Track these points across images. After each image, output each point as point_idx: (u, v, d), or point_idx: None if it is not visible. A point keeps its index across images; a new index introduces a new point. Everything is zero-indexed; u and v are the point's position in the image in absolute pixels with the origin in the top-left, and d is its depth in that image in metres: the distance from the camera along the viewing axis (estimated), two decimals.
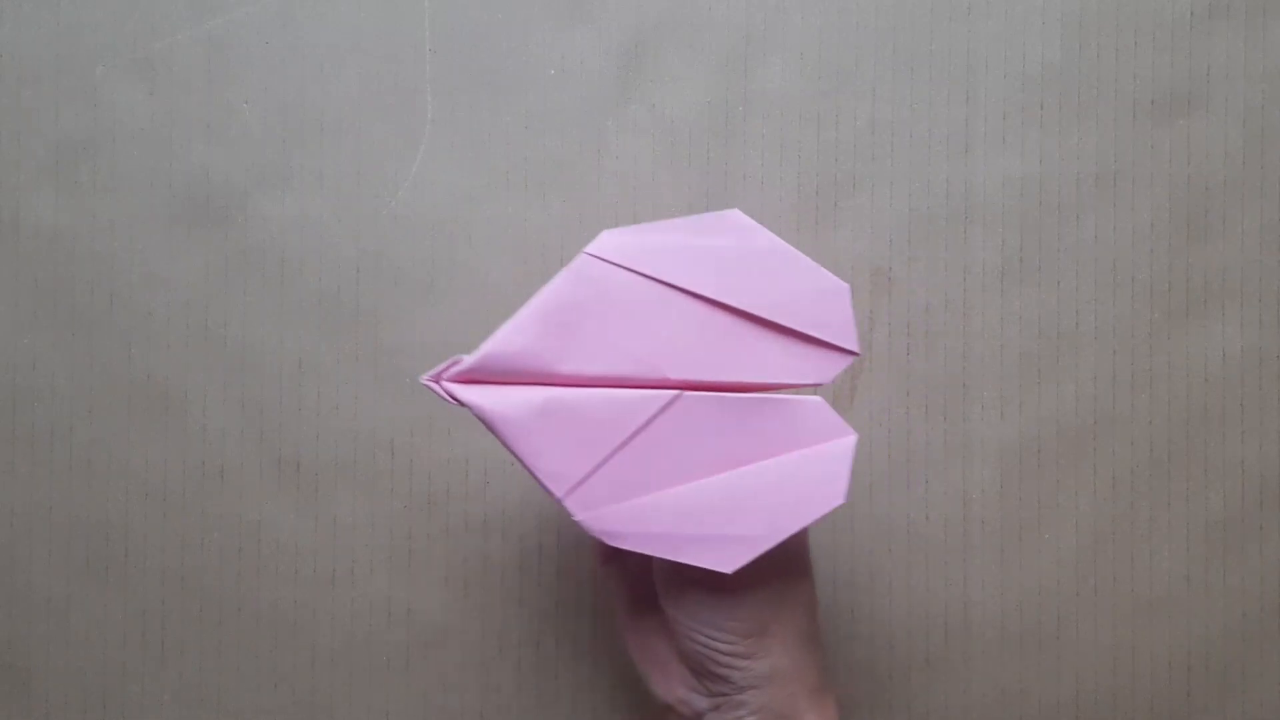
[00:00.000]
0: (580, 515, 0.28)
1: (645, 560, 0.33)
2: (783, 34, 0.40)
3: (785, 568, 0.30)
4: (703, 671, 0.30)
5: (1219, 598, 0.40)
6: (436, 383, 0.28)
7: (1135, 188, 0.40)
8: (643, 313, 0.28)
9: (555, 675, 0.39)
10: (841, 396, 0.40)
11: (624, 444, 0.28)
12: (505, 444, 0.28)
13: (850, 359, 0.29)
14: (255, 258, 0.40)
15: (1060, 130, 0.40)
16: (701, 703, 0.31)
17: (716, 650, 0.29)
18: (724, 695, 0.30)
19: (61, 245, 0.40)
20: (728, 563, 0.28)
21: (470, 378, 0.28)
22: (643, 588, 0.33)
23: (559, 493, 0.28)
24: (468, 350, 0.40)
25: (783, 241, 0.28)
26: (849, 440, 0.28)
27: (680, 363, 0.28)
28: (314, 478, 0.40)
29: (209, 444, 0.40)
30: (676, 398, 0.28)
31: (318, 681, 0.39)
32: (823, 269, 0.28)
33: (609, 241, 0.29)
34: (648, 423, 0.28)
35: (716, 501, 0.28)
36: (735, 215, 0.29)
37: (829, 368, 0.28)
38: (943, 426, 0.40)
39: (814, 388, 0.29)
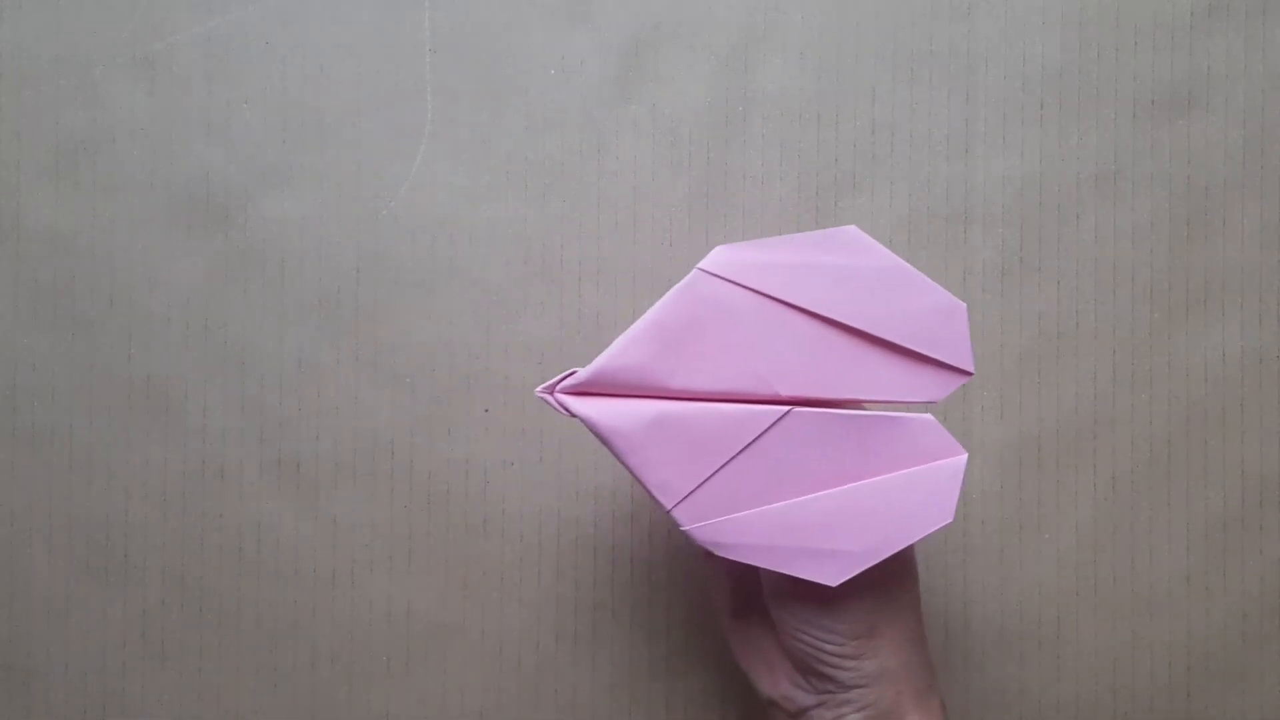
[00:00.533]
0: (688, 525, 0.28)
1: None
2: (783, 34, 0.40)
3: (894, 571, 0.30)
4: (809, 670, 0.30)
5: (1219, 598, 0.40)
6: (550, 394, 0.29)
7: (1135, 188, 0.40)
8: (755, 329, 0.28)
9: (555, 675, 0.39)
10: None
11: (733, 458, 0.28)
12: (617, 455, 0.28)
13: (964, 378, 0.29)
14: (255, 258, 0.40)
15: (1060, 130, 0.40)
16: (806, 699, 0.31)
17: (824, 650, 0.30)
18: (830, 693, 0.30)
19: (61, 245, 0.40)
20: (833, 576, 0.28)
21: (583, 390, 0.29)
22: (748, 586, 0.34)
23: (668, 504, 0.28)
24: (467, 350, 0.40)
25: (898, 258, 0.28)
26: (960, 459, 0.28)
27: (792, 379, 0.28)
28: (314, 478, 0.40)
29: (209, 444, 0.40)
30: (787, 413, 0.28)
31: (317, 681, 0.39)
32: (939, 287, 0.28)
33: (722, 257, 0.29)
34: (758, 438, 0.28)
35: (824, 516, 0.28)
36: (852, 232, 0.29)
37: (941, 386, 0.28)
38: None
39: (926, 405, 0.29)
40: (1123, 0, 0.40)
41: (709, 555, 0.35)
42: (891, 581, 0.30)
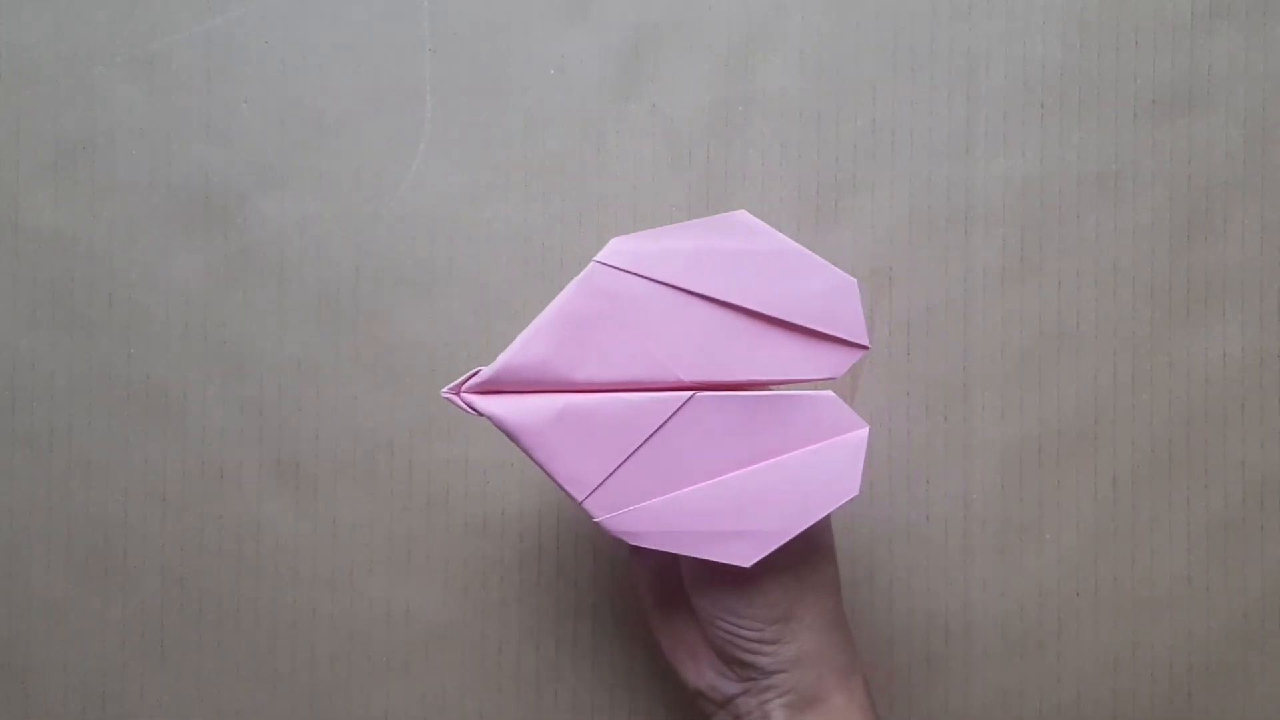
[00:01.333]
0: (601, 517, 0.29)
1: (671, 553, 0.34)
2: (783, 34, 0.40)
3: (807, 554, 0.31)
4: (730, 658, 0.31)
5: (1219, 598, 0.40)
6: (457, 394, 0.29)
7: (1135, 188, 0.40)
8: (654, 317, 0.29)
9: (555, 675, 0.39)
10: (842, 397, 0.40)
11: (640, 446, 0.29)
12: (525, 451, 0.29)
13: (860, 353, 0.29)
14: (255, 258, 0.40)
15: (1060, 130, 0.40)
16: (731, 688, 0.31)
17: (741, 637, 0.30)
18: (753, 680, 0.31)
19: (61, 245, 0.40)
20: (746, 557, 0.28)
21: (489, 389, 0.29)
22: (670, 578, 0.34)
23: (579, 496, 0.29)
24: (467, 350, 0.40)
25: (790, 240, 0.29)
26: (861, 433, 0.29)
27: (692, 364, 0.29)
28: (314, 478, 0.40)
29: (209, 444, 0.40)
30: (690, 398, 0.29)
31: (317, 681, 0.39)
32: (831, 265, 0.29)
33: (618, 248, 0.29)
34: (663, 424, 0.29)
35: (733, 498, 0.29)
36: (742, 216, 0.29)
37: (840, 362, 0.29)
38: (943, 426, 0.40)
39: (826, 382, 0.30)
40: (1123, 0, 0.40)
41: (632, 550, 0.35)
42: (804, 564, 0.31)
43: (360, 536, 0.39)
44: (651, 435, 0.29)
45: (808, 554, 0.31)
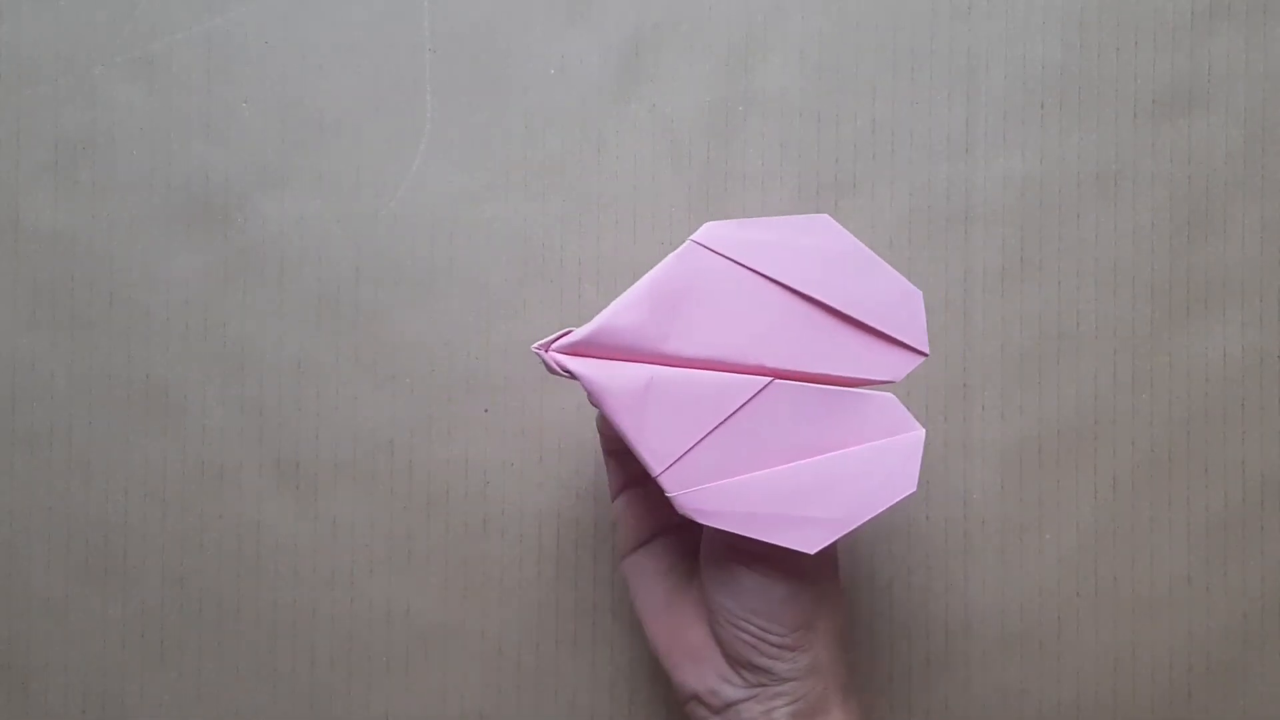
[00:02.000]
0: (674, 492, 0.29)
1: (678, 549, 0.34)
2: (783, 34, 0.40)
3: (826, 566, 0.32)
4: (744, 662, 0.31)
5: (1219, 598, 0.40)
6: (545, 351, 0.29)
7: (1135, 188, 0.40)
8: (741, 301, 0.30)
9: (555, 675, 0.39)
10: None
11: (719, 426, 0.29)
12: (610, 417, 0.29)
13: (920, 359, 0.30)
14: (255, 258, 0.40)
15: (1060, 130, 0.40)
16: (735, 693, 0.31)
17: (765, 642, 0.30)
18: (763, 686, 0.31)
19: (61, 245, 0.40)
20: (810, 543, 0.29)
21: (579, 350, 0.30)
22: (675, 578, 0.34)
23: (657, 469, 0.29)
24: (467, 350, 0.40)
25: (865, 246, 0.30)
26: (918, 434, 0.30)
27: (773, 351, 0.30)
28: (314, 478, 0.40)
29: (209, 444, 0.40)
30: (769, 384, 0.29)
31: (317, 681, 0.39)
32: (899, 274, 0.30)
33: (712, 231, 0.30)
34: (741, 407, 0.29)
35: (799, 486, 0.29)
36: (824, 219, 0.30)
37: (901, 366, 0.30)
38: (943, 426, 0.40)
39: (886, 384, 0.31)
40: (1123, 0, 0.40)
41: (629, 544, 0.35)
42: (825, 577, 0.31)
43: (360, 536, 0.39)
44: (730, 416, 0.29)
45: (827, 567, 0.31)
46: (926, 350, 0.30)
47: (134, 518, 0.40)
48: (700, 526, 0.33)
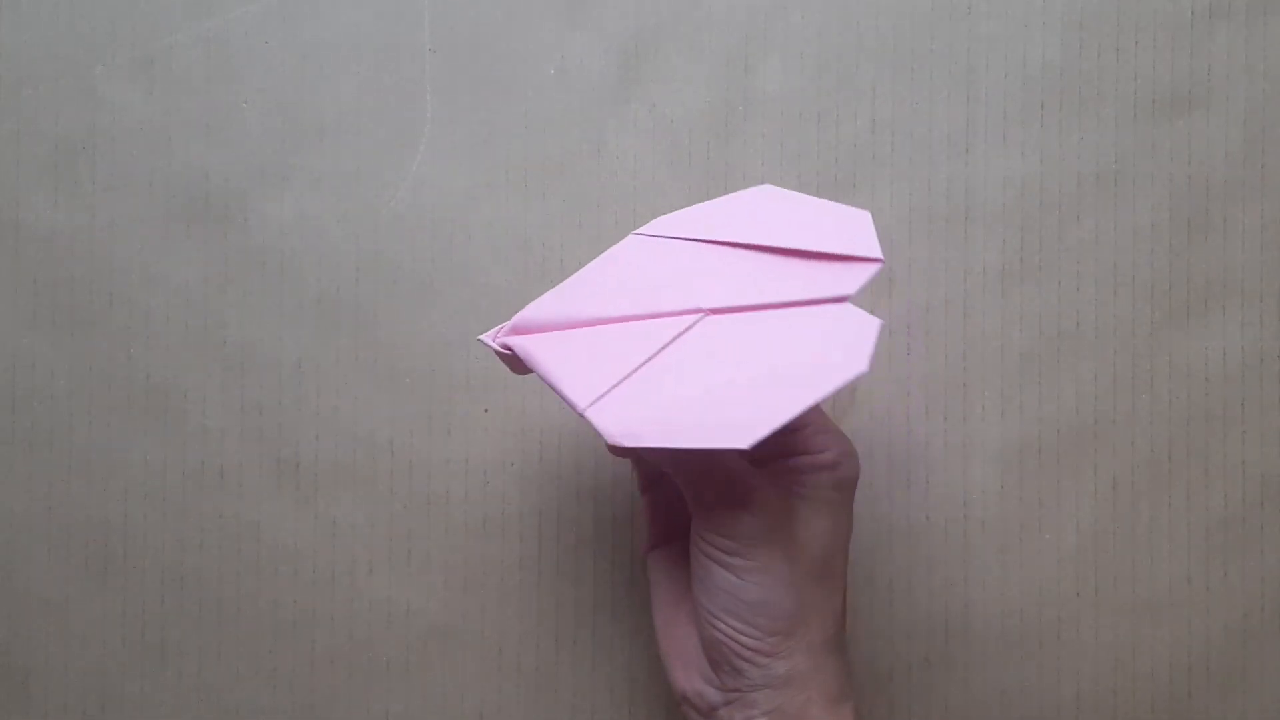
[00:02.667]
0: (599, 421, 0.28)
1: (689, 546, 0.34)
2: (783, 34, 0.40)
3: (819, 571, 0.31)
4: (721, 663, 0.30)
5: (1219, 598, 0.40)
6: (493, 339, 0.31)
7: (1135, 188, 0.40)
8: (678, 263, 0.30)
9: (555, 675, 0.39)
10: (842, 397, 0.40)
11: (648, 361, 0.28)
12: (542, 374, 0.29)
13: (874, 267, 0.28)
14: (255, 258, 0.40)
15: (1060, 130, 0.40)
16: (716, 696, 0.31)
17: (739, 643, 0.30)
18: (738, 692, 0.30)
19: (61, 245, 0.40)
20: (745, 438, 0.25)
21: (519, 331, 0.31)
22: (682, 575, 0.34)
23: (581, 405, 0.28)
24: (467, 350, 0.40)
25: (811, 197, 0.30)
26: (874, 320, 0.27)
27: (709, 295, 0.29)
28: (314, 478, 0.40)
29: (209, 444, 0.40)
30: (699, 319, 0.29)
31: (317, 681, 0.39)
32: (847, 206, 0.29)
33: (657, 224, 0.31)
34: (672, 341, 0.29)
35: (736, 386, 0.27)
36: (767, 188, 0.30)
37: (853, 279, 0.28)
38: (943, 426, 0.40)
39: (840, 301, 0.28)
40: (1123, 0, 0.40)
41: (652, 539, 0.35)
42: (814, 584, 0.30)
43: (360, 536, 0.39)
44: (660, 351, 0.28)
45: (818, 573, 0.31)
46: (879, 256, 0.28)
47: (134, 518, 0.40)
48: None
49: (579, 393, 0.28)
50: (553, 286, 0.40)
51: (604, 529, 0.40)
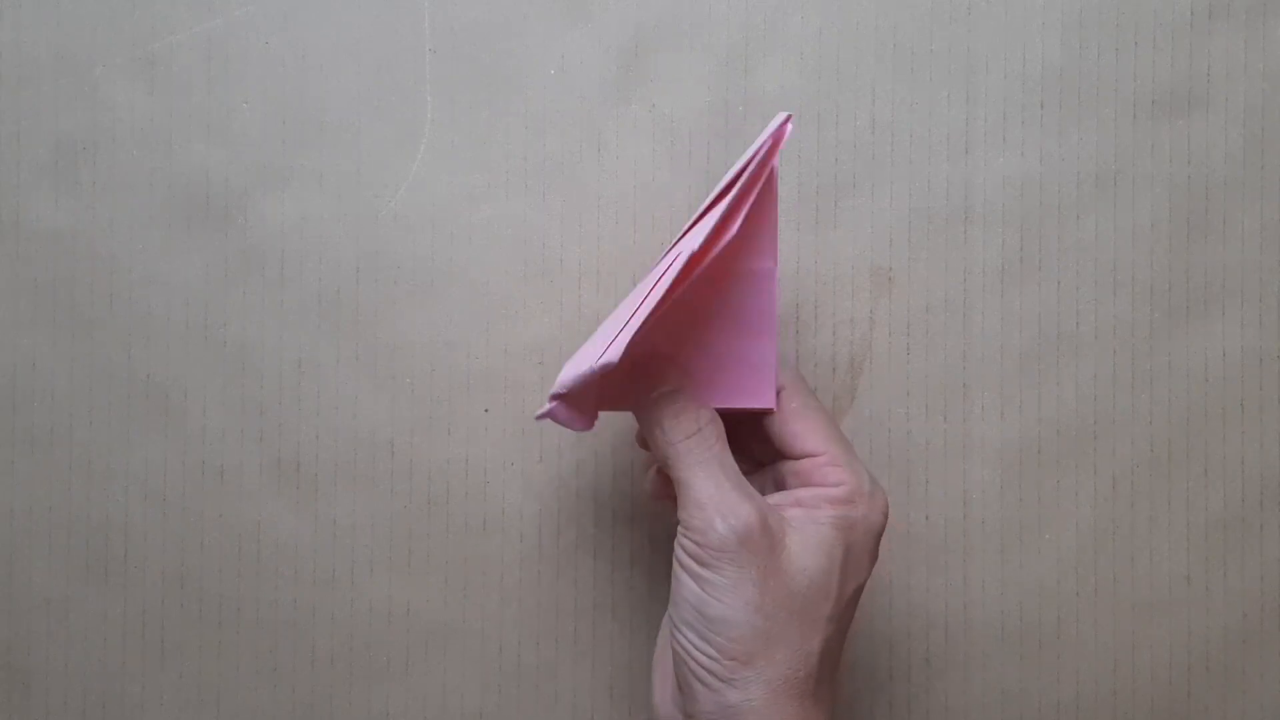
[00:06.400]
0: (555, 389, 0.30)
1: None
2: (783, 34, 0.40)
3: (799, 612, 0.29)
4: (682, 681, 0.30)
5: (1219, 598, 0.40)
6: (545, 415, 0.30)
7: (1135, 188, 0.40)
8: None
9: (555, 675, 0.39)
10: (841, 397, 0.40)
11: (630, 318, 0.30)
12: (575, 384, 0.29)
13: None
14: (255, 258, 0.40)
15: (1060, 130, 0.40)
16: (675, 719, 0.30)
17: (694, 659, 0.29)
18: (690, 718, 0.29)
19: (61, 245, 0.40)
20: (613, 353, 0.27)
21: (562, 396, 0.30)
22: None
23: (561, 390, 0.30)
24: (467, 350, 0.40)
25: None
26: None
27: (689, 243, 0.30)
28: (314, 478, 0.40)
29: (209, 444, 0.40)
30: (678, 256, 0.29)
31: (317, 681, 0.39)
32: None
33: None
34: (653, 287, 0.29)
35: (620, 321, 0.29)
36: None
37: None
38: (943, 426, 0.40)
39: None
40: (1123, 0, 0.40)
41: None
42: (789, 623, 0.28)
43: (360, 536, 0.39)
44: (640, 305, 0.29)
45: (797, 613, 0.29)
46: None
47: (134, 518, 0.39)
48: None
49: (583, 365, 0.29)
50: (552, 285, 0.40)
51: (604, 529, 0.40)
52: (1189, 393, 0.40)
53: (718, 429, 0.31)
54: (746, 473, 0.31)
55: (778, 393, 0.32)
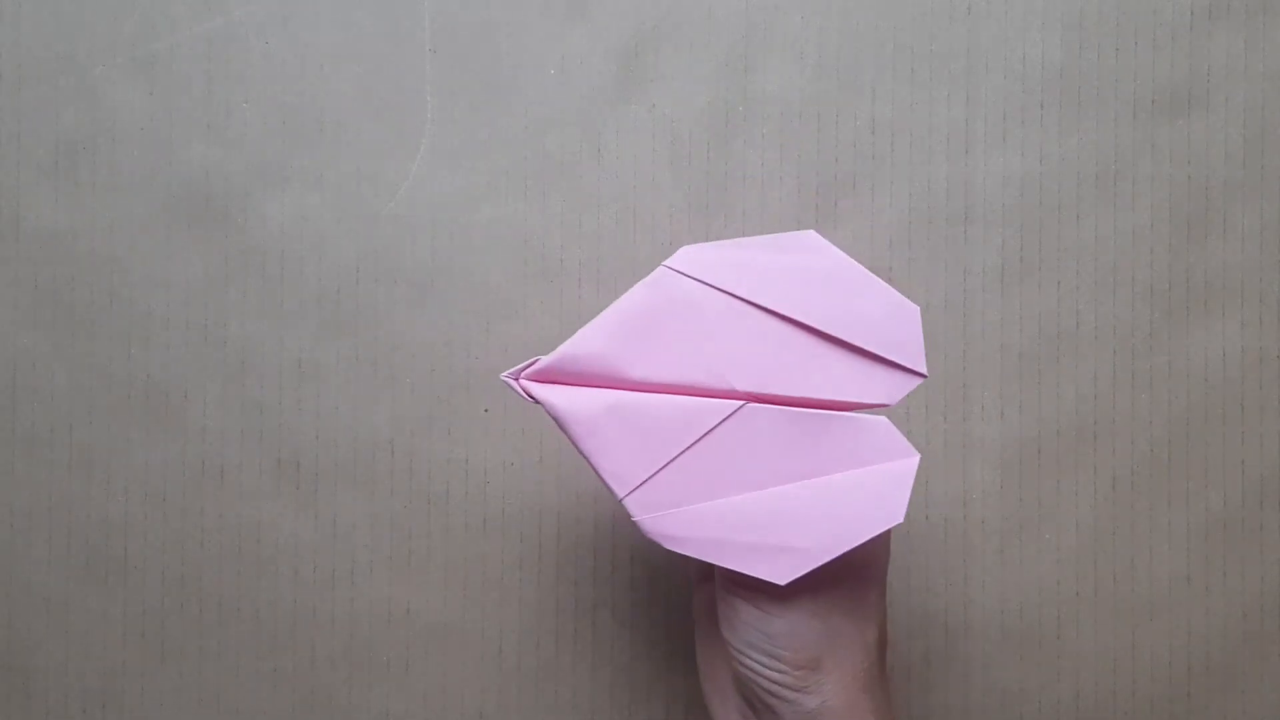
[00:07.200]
0: (639, 517, 0.28)
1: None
2: (783, 34, 0.40)
3: (850, 604, 0.29)
4: (754, 699, 0.30)
5: (1219, 598, 0.40)
6: (515, 380, 0.29)
7: (1135, 188, 0.40)
8: (715, 324, 0.29)
9: (555, 675, 0.39)
10: None
11: (686, 450, 0.28)
12: (573, 441, 0.29)
13: (918, 381, 0.29)
14: (255, 258, 0.40)
15: (1060, 130, 0.40)
16: None
17: (766, 678, 0.29)
18: None
19: (61, 245, 0.40)
20: (781, 574, 0.28)
21: (545, 377, 0.29)
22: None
23: (620, 493, 0.28)
24: (467, 350, 0.40)
25: (855, 262, 0.29)
26: (911, 461, 0.28)
27: (748, 374, 0.28)
28: (314, 478, 0.40)
29: (209, 444, 0.40)
30: (741, 407, 0.28)
31: (317, 682, 0.39)
32: (893, 290, 0.28)
33: (686, 256, 0.29)
34: (711, 430, 0.28)
35: (775, 512, 0.28)
36: (811, 236, 0.29)
37: (896, 389, 0.29)
38: (943, 426, 0.40)
39: (880, 408, 0.29)
40: (1123, 0, 0.40)
41: (699, 575, 0.35)
42: (843, 616, 0.29)
43: (360, 536, 0.40)
44: (698, 440, 0.28)
45: (848, 606, 0.29)
46: (924, 371, 0.28)
47: (134, 518, 0.40)
48: None
49: (616, 477, 0.28)
50: (552, 286, 0.40)
51: (604, 529, 0.40)
52: (1189, 393, 0.40)
53: None
54: None
55: None
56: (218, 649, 0.39)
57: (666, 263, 0.29)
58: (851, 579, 0.30)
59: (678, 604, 0.40)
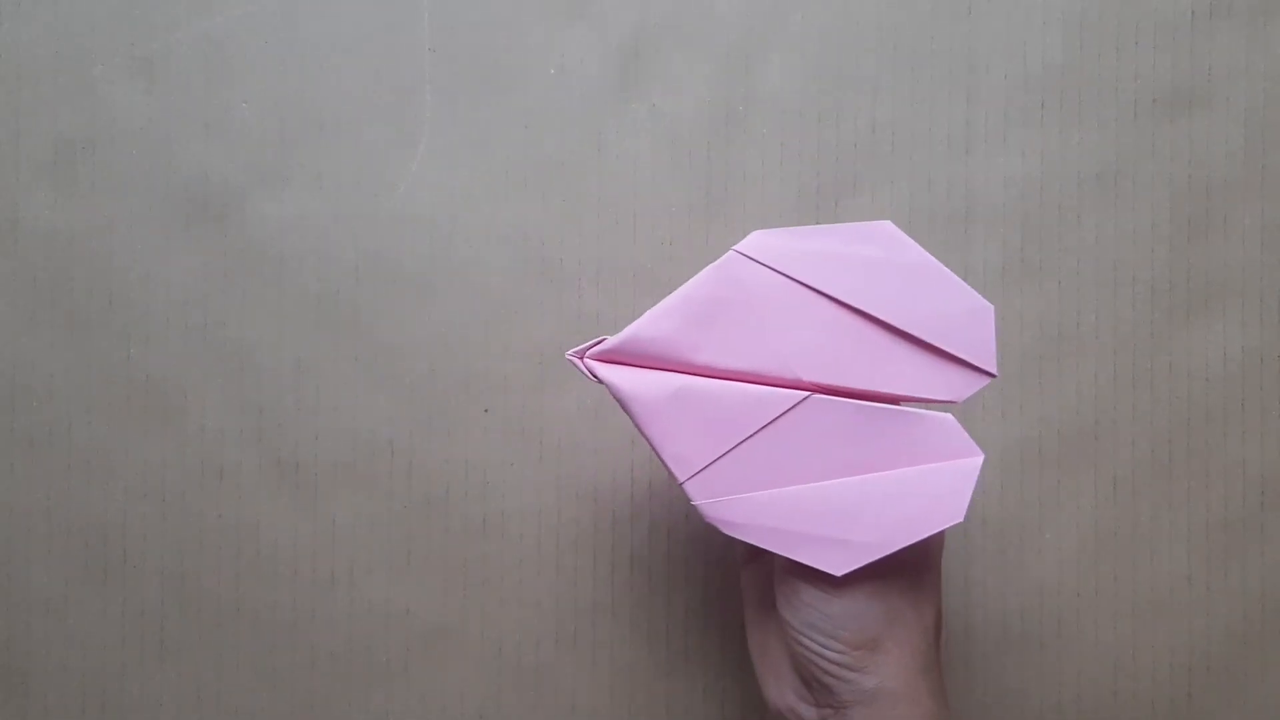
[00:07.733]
0: (699, 501, 0.28)
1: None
2: (783, 34, 0.40)
3: (905, 587, 0.30)
4: (811, 680, 0.30)
5: (1220, 598, 0.39)
6: (580, 359, 0.29)
7: (1135, 188, 0.40)
8: (783, 313, 0.29)
9: (555, 676, 0.39)
10: None
11: (750, 437, 0.29)
12: (636, 424, 0.29)
13: (986, 380, 0.29)
14: (254, 258, 0.40)
15: (1060, 130, 0.40)
16: (809, 712, 0.30)
17: (825, 658, 0.29)
18: (829, 708, 0.30)
19: (61, 245, 0.40)
20: (838, 565, 0.28)
21: (611, 358, 0.29)
22: (772, 592, 0.33)
23: (681, 476, 0.28)
24: (467, 350, 0.40)
25: (931, 256, 0.29)
26: (975, 460, 0.28)
27: (815, 365, 0.28)
28: (313, 478, 0.40)
29: (208, 444, 0.40)
30: (806, 398, 0.28)
31: (317, 682, 0.39)
32: (969, 287, 0.28)
33: (758, 241, 0.29)
34: (775, 419, 0.28)
35: (835, 505, 0.28)
36: (887, 226, 0.29)
37: (964, 387, 0.29)
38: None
39: (946, 405, 0.29)
40: (1123, 0, 0.40)
41: (747, 555, 0.35)
42: (900, 597, 0.30)
43: (360, 536, 0.39)
44: (762, 428, 0.28)
45: (906, 588, 0.30)
46: (995, 371, 0.28)
47: (134, 518, 0.39)
48: None
49: (679, 460, 0.28)
50: (552, 285, 0.40)
51: (604, 529, 0.40)
52: (1189, 393, 0.40)
53: None
54: None
55: None
56: (218, 649, 0.39)
57: (736, 247, 0.29)
58: (911, 562, 0.30)
59: (678, 604, 0.40)
